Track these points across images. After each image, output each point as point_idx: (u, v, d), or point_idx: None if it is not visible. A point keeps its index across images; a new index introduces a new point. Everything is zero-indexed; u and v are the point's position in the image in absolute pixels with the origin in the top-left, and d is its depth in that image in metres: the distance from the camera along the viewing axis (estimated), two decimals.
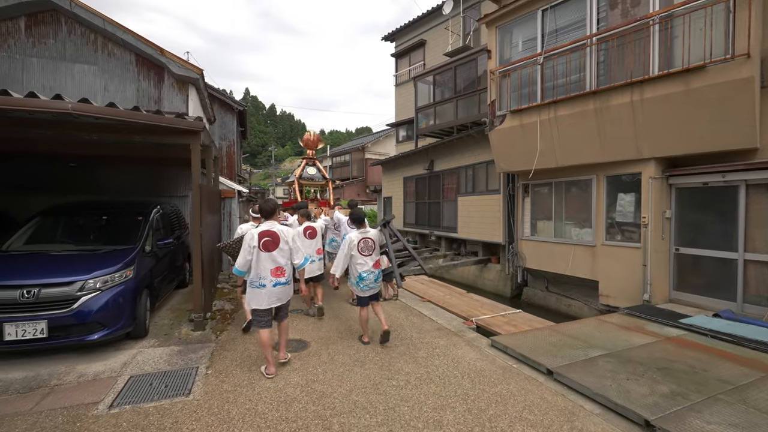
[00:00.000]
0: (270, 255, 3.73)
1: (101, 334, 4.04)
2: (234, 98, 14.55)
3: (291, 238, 3.88)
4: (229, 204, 8.72)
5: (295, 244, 3.90)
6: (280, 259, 3.77)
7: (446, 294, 7.30)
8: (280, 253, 3.77)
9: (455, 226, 11.25)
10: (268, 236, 3.75)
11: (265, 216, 3.92)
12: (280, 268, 3.77)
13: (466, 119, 11.62)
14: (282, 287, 3.80)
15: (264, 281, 3.72)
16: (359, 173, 27.57)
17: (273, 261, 3.74)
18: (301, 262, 3.92)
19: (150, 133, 4.67)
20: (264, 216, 3.94)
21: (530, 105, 7.11)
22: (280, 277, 3.76)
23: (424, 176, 12.99)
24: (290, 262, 3.87)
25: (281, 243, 3.78)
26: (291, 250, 3.85)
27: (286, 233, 3.86)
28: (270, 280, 3.72)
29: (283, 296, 3.86)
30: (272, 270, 3.73)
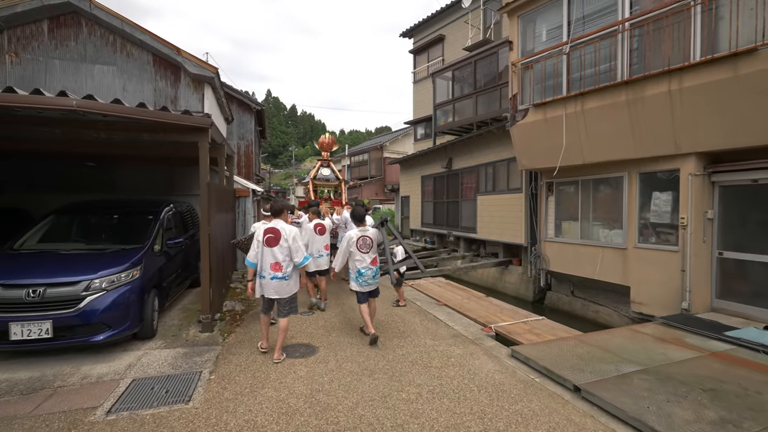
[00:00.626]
0: (271, 250, 4.02)
1: (106, 335, 3.96)
2: (252, 98, 14.61)
3: (292, 237, 4.07)
4: (244, 203, 8.67)
5: (296, 243, 4.07)
6: (279, 255, 4.02)
7: (464, 298, 6.96)
8: (280, 249, 4.02)
9: (474, 226, 10.85)
10: (271, 233, 4.06)
11: (274, 214, 4.23)
12: (278, 264, 4.02)
13: (485, 115, 11.18)
14: (278, 281, 4.04)
15: (264, 273, 4.06)
16: (377, 172, 27.38)
17: (273, 256, 4.02)
18: (301, 261, 4.10)
19: (157, 130, 4.59)
20: (272, 214, 4.24)
21: (555, 98, 6.67)
22: (277, 271, 4.02)
23: (442, 175, 12.64)
24: (290, 259, 4.06)
25: (281, 240, 4.03)
26: (290, 249, 4.04)
27: (287, 232, 4.07)
28: (269, 273, 4.03)
29: (280, 290, 4.06)
30: (271, 264, 4.03)
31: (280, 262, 4.02)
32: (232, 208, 8.14)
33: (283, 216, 4.21)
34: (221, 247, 6.06)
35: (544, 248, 8.21)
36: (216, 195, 5.39)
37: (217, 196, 5.54)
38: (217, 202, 5.46)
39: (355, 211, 5.03)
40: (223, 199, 6.38)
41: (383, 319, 5.62)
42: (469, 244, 11.62)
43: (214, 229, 5.25)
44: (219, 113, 10.62)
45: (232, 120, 13.02)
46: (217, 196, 5.45)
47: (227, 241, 7.03)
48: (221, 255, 5.93)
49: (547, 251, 8.12)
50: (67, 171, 7.41)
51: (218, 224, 5.73)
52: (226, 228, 6.74)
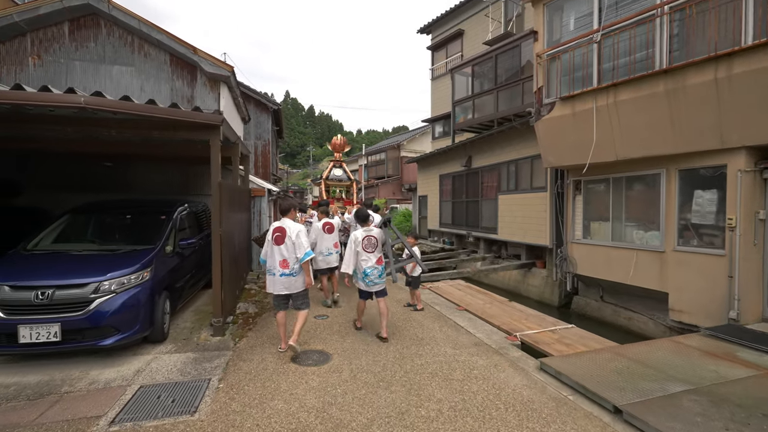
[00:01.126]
0: (279, 248, 4.18)
1: (115, 339, 3.85)
2: (269, 97, 14.60)
3: (295, 234, 4.16)
4: (259, 203, 8.57)
5: (298, 239, 4.15)
6: (285, 252, 4.16)
7: (486, 302, 6.61)
8: (286, 247, 4.15)
9: (495, 226, 10.43)
10: (278, 232, 4.21)
11: (281, 213, 4.35)
12: (285, 261, 4.15)
13: (507, 112, 10.75)
14: (286, 278, 4.17)
15: (274, 270, 4.21)
16: (395, 172, 27.11)
17: (280, 254, 4.17)
18: (302, 256, 4.15)
19: (167, 128, 4.46)
20: (280, 213, 4.37)
21: (584, 90, 6.23)
22: (284, 268, 4.16)
23: (461, 173, 12.25)
24: (295, 256, 4.15)
25: (286, 238, 4.15)
26: (294, 245, 4.14)
27: (291, 229, 4.18)
28: (277, 270, 4.18)
29: (289, 286, 4.20)
30: (280, 262, 4.16)
31: (287, 259, 4.15)
32: (248, 207, 8.04)
33: (290, 215, 4.33)
34: (235, 247, 5.93)
35: (570, 250, 7.76)
36: (229, 195, 5.24)
37: (230, 195, 5.40)
38: (230, 202, 5.32)
39: (359, 212, 5.07)
40: (237, 199, 6.25)
41: (400, 325, 5.36)
42: (489, 245, 11.21)
43: (226, 230, 5.11)
44: (235, 113, 10.59)
45: (249, 120, 13.02)
46: (229, 195, 5.31)
47: (242, 241, 6.93)
48: (235, 256, 5.80)
49: (574, 253, 7.66)
50: (85, 171, 7.45)
51: (232, 224, 5.59)
52: (240, 228, 6.62)
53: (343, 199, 10.05)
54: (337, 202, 8.97)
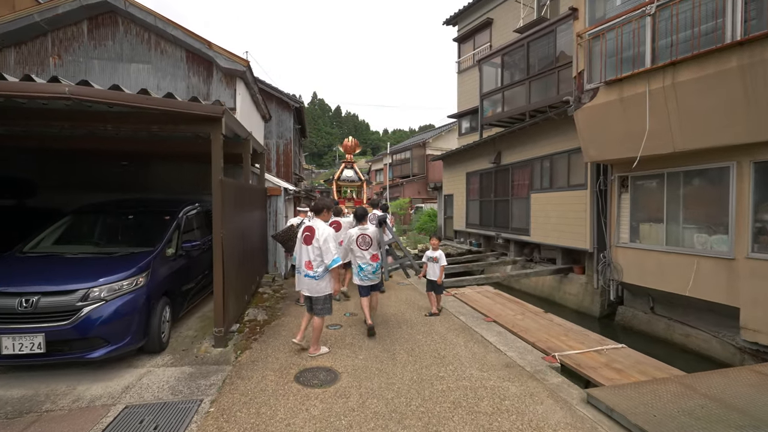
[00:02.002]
0: (306, 248, 4.12)
1: (104, 351, 3.52)
2: (290, 95, 14.36)
3: (324, 238, 4.03)
4: (275, 202, 8.23)
5: (326, 244, 4.01)
6: (311, 254, 4.07)
7: (517, 313, 5.91)
8: (312, 248, 4.07)
9: (527, 227, 9.62)
10: (308, 231, 4.14)
11: (314, 213, 4.30)
12: (309, 262, 4.08)
13: (540, 103, 9.89)
14: (309, 279, 4.08)
15: (300, 270, 4.18)
16: (420, 170, 26.46)
17: (306, 254, 4.12)
18: (330, 263, 4.01)
19: (165, 121, 4.12)
20: (313, 213, 4.32)
21: (635, 72, 5.41)
22: (309, 269, 4.08)
23: (489, 171, 11.48)
24: (320, 260, 4.03)
25: (314, 240, 4.05)
26: (321, 249, 4.02)
27: (320, 232, 4.06)
28: (303, 270, 4.13)
29: (311, 288, 4.09)
30: (305, 262, 4.11)
31: (311, 261, 4.06)
32: (262, 207, 7.71)
33: (323, 215, 4.24)
34: (243, 250, 5.57)
35: (615, 255, 6.89)
36: (234, 193, 4.86)
37: (236, 194, 5.02)
38: (235, 202, 4.94)
39: (357, 210, 5.26)
40: (248, 198, 5.89)
41: (420, 339, 4.79)
42: (520, 247, 10.39)
43: (231, 232, 4.73)
44: (254, 110, 10.36)
45: (269, 118, 12.81)
46: (235, 194, 4.93)
47: (255, 242, 6.59)
48: (243, 259, 5.43)
49: (620, 259, 6.79)
50: (101, 170, 7.35)
51: (239, 225, 5.23)
52: (252, 229, 6.27)
53: (353, 199, 10.40)
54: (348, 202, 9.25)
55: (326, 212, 4.31)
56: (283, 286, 7.61)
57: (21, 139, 5.17)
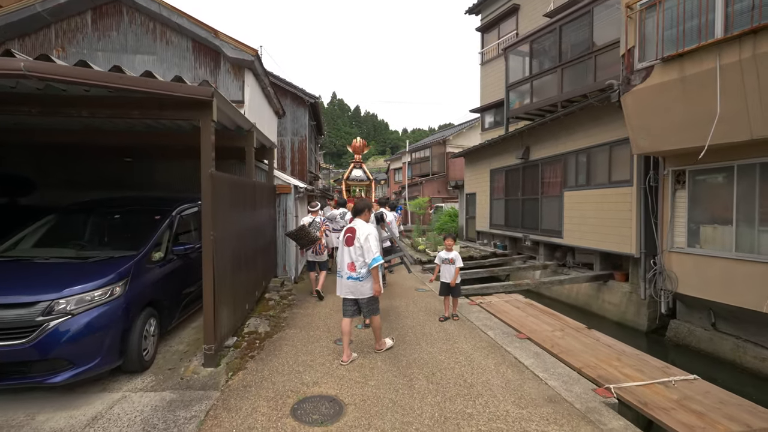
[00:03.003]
0: (348, 250, 3.97)
1: (68, 375, 3.00)
2: (305, 90, 13.87)
3: (365, 237, 3.88)
4: (284, 201, 7.68)
5: (367, 243, 3.88)
6: (354, 254, 3.93)
7: (555, 329, 5.11)
8: (354, 249, 3.92)
9: (559, 229, 8.72)
10: (349, 233, 3.98)
11: (354, 214, 4.12)
12: (353, 264, 3.92)
13: (573, 93, 8.97)
14: (353, 282, 3.93)
15: (342, 273, 4.01)
16: (440, 169, 25.61)
17: (348, 256, 3.96)
18: (371, 261, 3.87)
19: (147, 106, 3.58)
20: (353, 214, 4.15)
21: (702, 44, 4.52)
22: (352, 271, 3.93)
23: (516, 167, 10.60)
24: (363, 260, 3.88)
25: (355, 240, 3.91)
26: (363, 249, 3.88)
27: (362, 231, 3.90)
28: (345, 272, 3.97)
29: (355, 290, 3.94)
30: (348, 264, 3.95)
31: (354, 262, 3.92)
32: (270, 205, 7.17)
33: (363, 216, 4.08)
34: (245, 253, 5.01)
35: (668, 261, 5.97)
36: (229, 189, 4.29)
37: (233, 191, 4.45)
38: (232, 200, 4.37)
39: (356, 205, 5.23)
40: (249, 195, 5.34)
41: (442, 359, 4.09)
42: (551, 250, 9.48)
43: (227, 233, 4.16)
44: (265, 104, 9.87)
45: (283, 114, 12.35)
46: (231, 190, 4.36)
47: (261, 245, 6.04)
48: (242, 264, 4.87)
49: (674, 266, 5.86)
50: (103, 167, 6.98)
51: (238, 226, 4.66)
52: (256, 230, 5.71)
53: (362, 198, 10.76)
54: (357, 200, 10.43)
55: (367, 212, 4.16)
56: (292, 291, 7.05)
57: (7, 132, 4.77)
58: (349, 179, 11.50)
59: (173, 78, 3.41)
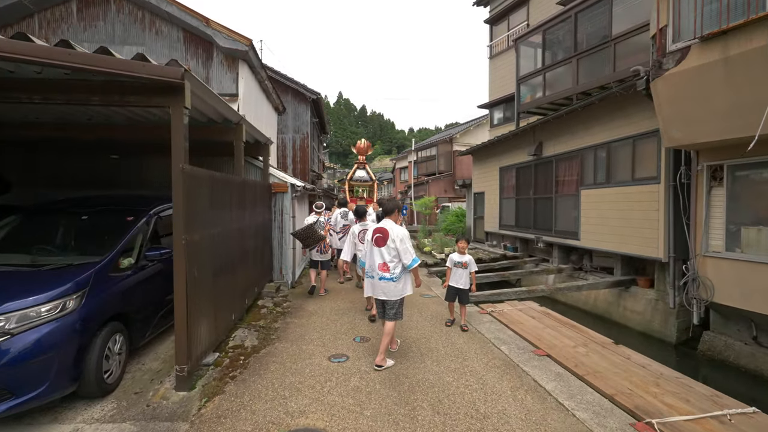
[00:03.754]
0: (379, 250, 3.90)
1: (5, 407, 2.52)
2: (307, 86, 13.40)
3: (400, 238, 3.85)
4: (281, 200, 7.19)
5: (403, 245, 3.85)
6: (386, 255, 3.87)
7: (578, 344, 4.54)
8: (387, 250, 3.87)
9: (575, 230, 8.12)
10: (380, 233, 3.92)
11: (385, 214, 4.08)
12: (386, 264, 3.86)
13: (590, 84, 8.38)
14: (386, 282, 3.87)
15: (373, 273, 3.94)
16: (446, 167, 25.02)
17: (380, 256, 3.89)
18: (409, 263, 3.86)
19: (106, 90, 3.11)
20: (383, 214, 4.11)
21: (751, 18, 3.92)
22: (385, 272, 3.87)
23: (528, 164, 10.00)
24: (398, 260, 3.86)
25: (389, 241, 3.85)
26: (398, 250, 3.85)
27: (395, 233, 3.88)
28: (377, 273, 3.89)
29: (388, 291, 3.87)
30: (380, 265, 3.88)
31: (387, 263, 3.87)
32: (264, 205, 6.69)
33: (393, 216, 4.05)
34: (231, 258, 4.53)
35: (702, 267, 5.36)
36: (208, 187, 3.81)
37: (214, 188, 3.96)
38: (213, 198, 3.89)
39: (358, 208, 5.82)
40: (236, 194, 4.85)
41: (449, 381, 3.56)
42: (566, 253, 8.88)
43: (205, 236, 3.68)
44: (263, 99, 9.41)
45: (283, 110, 11.89)
46: (211, 188, 3.87)
47: (250, 248, 5.56)
48: (227, 270, 4.39)
49: (710, 272, 5.25)
50: (88, 165, 6.57)
51: (222, 227, 4.18)
52: (245, 232, 5.23)
53: (365, 198, 11.19)
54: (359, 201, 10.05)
55: (396, 213, 4.09)
56: (288, 297, 6.56)
57: None
58: (353, 179, 11.74)
59: (135, 56, 2.92)
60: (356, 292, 6.95)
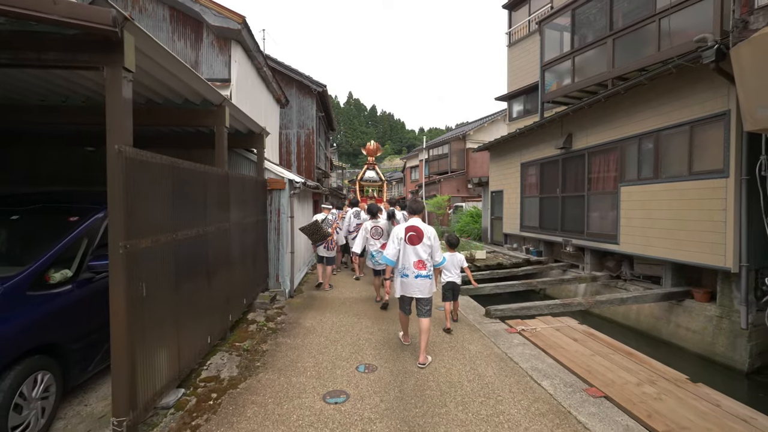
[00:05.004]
0: (414, 249, 3.93)
1: None
2: (312, 78, 12.59)
3: (433, 236, 3.96)
4: (278, 198, 6.35)
5: (436, 242, 3.97)
6: (423, 253, 3.92)
7: (640, 379, 3.56)
8: (423, 248, 3.92)
9: (614, 233, 7.09)
10: (413, 231, 3.96)
11: (412, 213, 4.15)
12: (422, 262, 3.92)
13: (629, 67, 7.39)
14: (422, 280, 3.91)
15: (407, 272, 3.94)
16: (459, 166, 23.98)
17: (416, 254, 3.92)
18: (440, 261, 4.05)
19: (15, 45, 2.29)
20: (411, 213, 4.16)
21: None
22: (421, 269, 3.91)
23: (554, 159, 8.98)
24: (431, 258, 3.96)
25: (424, 239, 3.93)
26: (432, 247, 3.94)
27: (428, 231, 3.96)
28: (413, 271, 3.92)
29: (424, 289, 3.91)
30: (415, 263, 3.92)
31: (424, 261, 3.92)
32: (258, 203, 5.86)
33: (421, 215, 4.16)
34: (208, 267, 3.69)
35: None
36: (170, 179, 2.96)
37: (180, 182, 3.11)
38: (176, 192, 3.04)
39: (370, 207, 6.23)
40: (218, 190, 4.01)
41: None
42: (599, 258, 7.85)
43: (169, 241, 2.84)
44: (261, 87, 8.59)
45: (286, 103, 11.09)
46: (176, 181, 3.02)
47: (237, 254, 4.72)
48: (201, 282, 3.55)
49: None
50: (75, 159, 5.86)
51: (197, 230, 3.35)
52: (229, 234, 4.39)
53: (374, 198, 11.46)
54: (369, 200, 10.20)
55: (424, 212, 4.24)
56: (284, 309, 5.72)
57: None
58: (363, 180, 12.13)
59: None
60: (362, 303, 6.09)
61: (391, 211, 6.59)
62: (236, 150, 6.24)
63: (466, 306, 6.06)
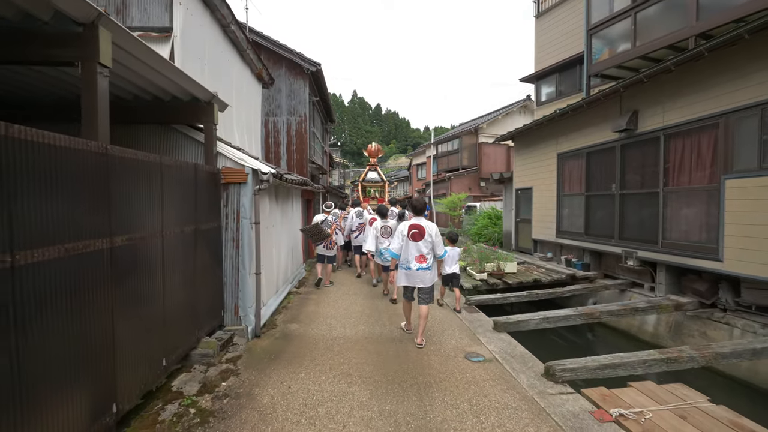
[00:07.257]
0: (416, 244, 4.35)
1: None
2: (304, 56, 10.65)
3: (435, 232, 4.37)
4: (235, 196, 4.42)
5: (438, 238, 4.38)
6: (424, 248, 4.34)
7: None
8: (425, 243, 4.34)
9: (712, 244, 5.07)
10: (416, 229, 4.34)
11: (415, 212, 4.43)
12: (423, 256, 4.35)
13: (719, 19, 5.43)
14: (423, 271, 4.36)
15: (410, 265, 4.39)
16: (471, 162, 21.95)
17: (418, 249, 4.35)
18: (441, 254, 4.49)
19: None
20: (414, 212, 4.43)
21: None
22: (422, 263, 4.36)
23: (609, 146, 6.95)
24: (432, 252, 4.38)
25: (426, 236, 4.32)
26: (433, 243, 4.36)
27: (430, 228, 4.34)
28: (415, 264, 4.37)
29: (425, 279, 4.37)
30: (417, 257, 4.36)
31: (425, 255, 4.34)
32: (203, 203, 3.92)
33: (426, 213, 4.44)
34: (78, 311, 1.76)
35: None
36: None
37: None
38: None
39: (380, 208, 6.75)
40: (94, 183, 2.07)
41: None
42: (676, 276, 5.83)
43: None
44: (231, 53, 6.57)
45: (271, 83, 9.14)
46: None
47: (158, 285, 2.80)
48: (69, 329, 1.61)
49: None
50: None
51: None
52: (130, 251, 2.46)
53: (377, 198, 11.87)
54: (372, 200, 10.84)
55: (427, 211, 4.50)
56: (239, 363, 3.78)
57: None
58: (365, 181, 12.37)
59: None
60: (355, 350, 4.14)
61: (401, 212, 7.02)
62: (175, 127, 4.32)
63: (508, 354, 4.10)
